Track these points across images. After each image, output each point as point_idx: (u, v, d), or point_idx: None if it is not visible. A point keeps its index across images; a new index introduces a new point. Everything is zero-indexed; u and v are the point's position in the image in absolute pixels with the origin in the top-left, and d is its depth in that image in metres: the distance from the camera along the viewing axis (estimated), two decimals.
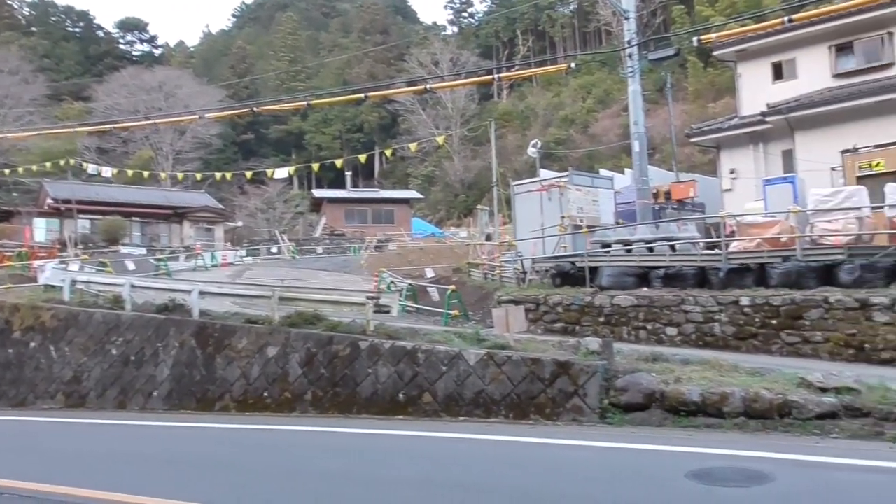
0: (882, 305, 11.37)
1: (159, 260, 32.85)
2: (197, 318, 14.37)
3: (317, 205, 63.52)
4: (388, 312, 14.42)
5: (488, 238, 31.57)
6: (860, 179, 17.08)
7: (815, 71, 23.49)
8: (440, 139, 44.12)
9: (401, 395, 10.96)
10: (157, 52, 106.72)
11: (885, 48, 22.34)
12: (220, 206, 55.72)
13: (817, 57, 23.55)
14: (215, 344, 13.65)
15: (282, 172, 35.44)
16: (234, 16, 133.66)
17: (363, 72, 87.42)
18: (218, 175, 35.41)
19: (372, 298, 13.48)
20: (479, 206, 43.51)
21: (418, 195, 64.99)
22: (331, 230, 55.68)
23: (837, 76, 23.09)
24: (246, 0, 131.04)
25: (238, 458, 8.42)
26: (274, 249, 46.71)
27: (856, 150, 17.99)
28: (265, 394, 12.60)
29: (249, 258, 41.07)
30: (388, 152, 54.30)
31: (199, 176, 38.81)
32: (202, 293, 14.94)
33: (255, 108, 25.23)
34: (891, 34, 22.21)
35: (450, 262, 28.98)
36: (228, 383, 13.10)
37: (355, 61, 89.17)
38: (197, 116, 31.26)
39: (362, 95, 24.26)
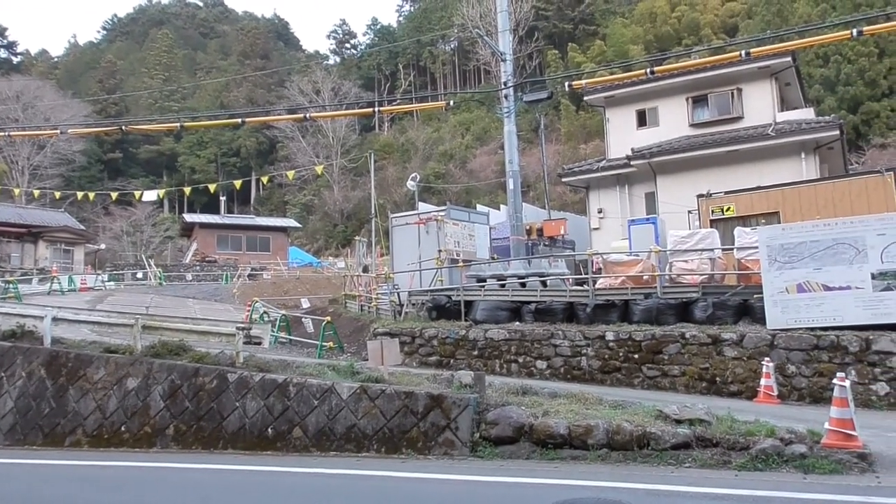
0: (731, 341, 12.23)
1: (8, 282, 30.38)
2: (49, 347, 13.43)
3: (188, 230, 60.95)
4: (259, 344, 14.00)
5: (365, 269, 31.41)
6: (713, 223, 18.36)
7: (674, 120, 25.30)
8: (319, 168, 43.87)
9: (270, 430, 10.62)
10: (15, 59, 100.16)
11: (734, 102, 24.39)
12: (82, 227, 52.35)
13: (676, 107, 25.39)
14: (68, 374, 12.76)
15: (151, 195, 34.23)
16: (104, 28, 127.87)
17: (242, 96, 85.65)
18: (80, 194, 33.57)
19: (242, 329, 13.04)
20: (357, 237, 43.30)
21: (296, 224, 63.87)
22: (202, 257, 53.60)
23: (694, 125, 24.95)
24: (118, 13, 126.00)
25: (69, 496, 7.86)
26: (140, 275, 44.52)
27: (709, 195, 19.33)
28: (123, 428, 11.86)
29: (112, 283, 38.87)
30: (265, 179, 53.60)
31: (58, 194, 36.60)
32: (56, 319, 13.99)
33: (123, 127, 24.12)
34: (740, 90, 24.29)
35: (326, 293, 28.59)
36: (81, 417, 12.25)
37: (234, 84, 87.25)
38: (58, 131, 29.43)
39: (240, 120, 23.80)
